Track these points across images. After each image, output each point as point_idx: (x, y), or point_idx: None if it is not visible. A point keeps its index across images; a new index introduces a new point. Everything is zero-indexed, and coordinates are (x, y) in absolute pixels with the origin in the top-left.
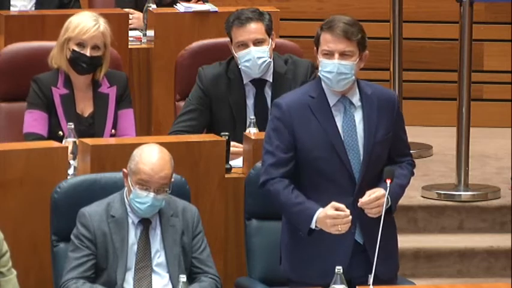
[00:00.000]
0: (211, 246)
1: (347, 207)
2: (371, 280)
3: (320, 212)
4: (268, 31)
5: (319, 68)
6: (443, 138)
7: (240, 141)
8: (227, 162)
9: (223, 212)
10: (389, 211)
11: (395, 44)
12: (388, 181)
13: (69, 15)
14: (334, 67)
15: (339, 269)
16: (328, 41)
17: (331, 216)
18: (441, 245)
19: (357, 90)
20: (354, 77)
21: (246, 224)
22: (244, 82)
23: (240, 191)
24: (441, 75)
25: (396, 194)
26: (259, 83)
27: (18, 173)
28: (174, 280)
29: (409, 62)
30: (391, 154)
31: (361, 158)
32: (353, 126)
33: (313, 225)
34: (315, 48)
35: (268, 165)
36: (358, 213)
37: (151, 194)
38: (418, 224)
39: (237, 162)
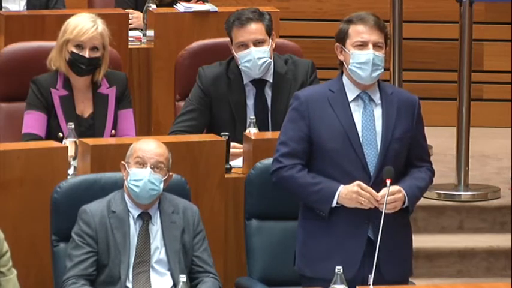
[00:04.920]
0: (211, 246)
1: None
2: (371, 280)
3: (342, 188)
4: (269, 31)
5: (350, 61)
6: (443, 138)
7: (240, 141)
8: (227, 162)
9: (223, 212)
10: (405, 211)
11: (395, 44)
12: (388, 181)
13: (69, 16)
14: (370, 57)
15: (339, 269)
16: (361, 32)
17: (356, 191)
18: (441, 245)
19: (377, 89)
20: (383, 70)
21: (246, 224)
22: (245, 82)
23: (240, 191)
24: (441, 75)
25: (414, 195)
26: (259, 83)
27: (18, 173)
28: (175, 277)
29: (409, 62)
30: (410, 157)
31: (378, 153)
32: (372, 121)
33: (334, 203)
34: (338, 44)
35: (280, 154)
36: (371, 209)
37: (148, 170)
38: (418, 224)
39: (237, 162)
